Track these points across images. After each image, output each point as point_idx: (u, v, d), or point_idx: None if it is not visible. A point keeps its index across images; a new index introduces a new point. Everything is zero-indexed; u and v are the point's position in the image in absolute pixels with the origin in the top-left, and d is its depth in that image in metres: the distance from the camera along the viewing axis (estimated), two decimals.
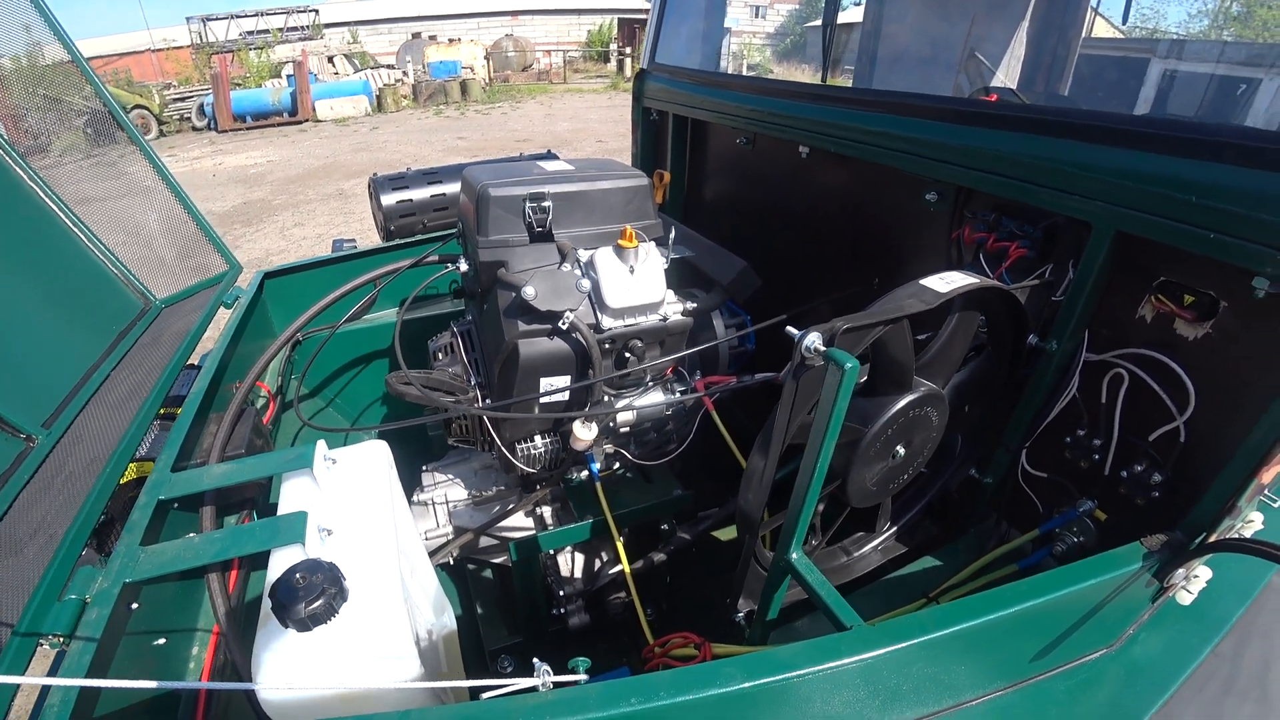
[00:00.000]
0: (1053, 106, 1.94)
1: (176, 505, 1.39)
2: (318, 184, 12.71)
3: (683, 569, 2.41)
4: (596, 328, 1.68)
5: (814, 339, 0.94)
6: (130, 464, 1.61)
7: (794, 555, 1.14)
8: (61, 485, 1.50)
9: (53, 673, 1.04)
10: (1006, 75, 3.96)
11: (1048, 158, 1.41)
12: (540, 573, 2.20)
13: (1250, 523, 1.32)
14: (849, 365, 0.88)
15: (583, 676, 0.87)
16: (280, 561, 1.18)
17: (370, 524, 1.28)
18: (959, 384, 1.48)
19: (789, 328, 1.01)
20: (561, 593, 2.22)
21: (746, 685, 0.86)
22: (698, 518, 2.19)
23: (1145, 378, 1.38)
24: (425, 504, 2.36)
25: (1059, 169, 1.39)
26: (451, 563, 2.41)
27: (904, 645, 0.98)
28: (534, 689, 0.89)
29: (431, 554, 2.25)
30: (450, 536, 2.31)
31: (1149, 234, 1.25)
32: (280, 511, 1.28)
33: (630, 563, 2.05)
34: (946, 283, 1.17)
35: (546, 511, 2.25)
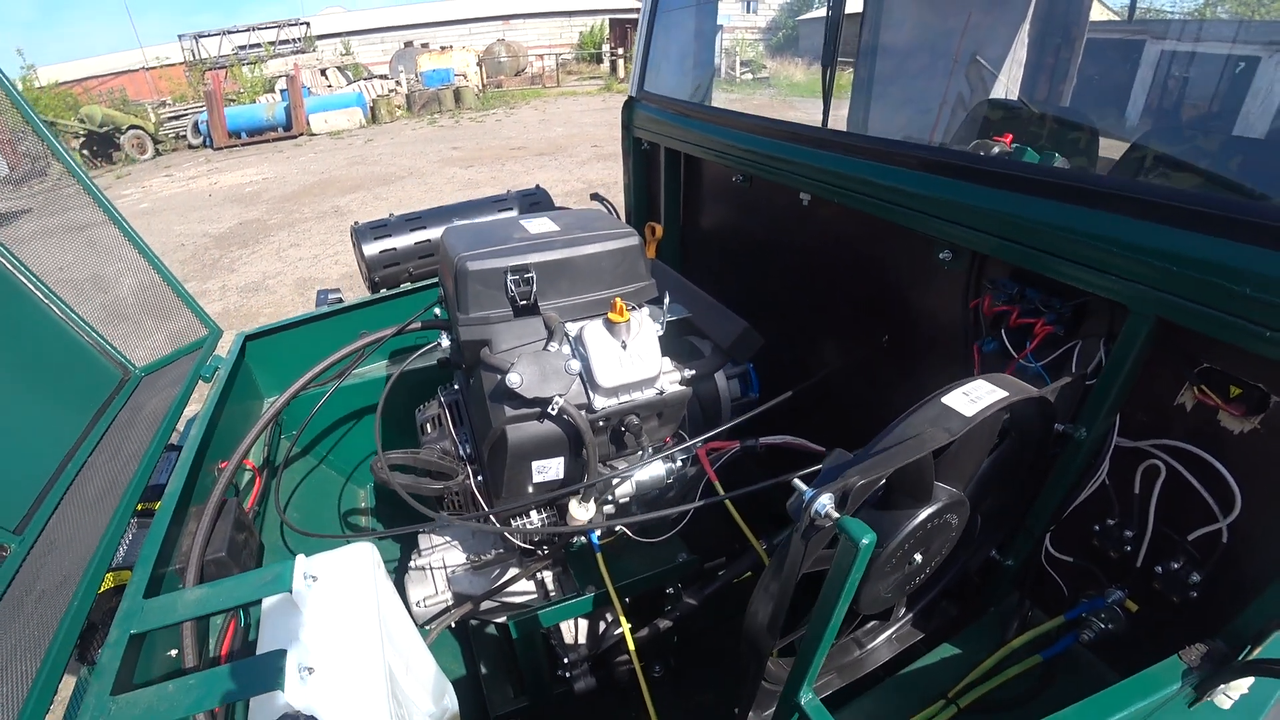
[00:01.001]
0: (1085, 173, 1.80)
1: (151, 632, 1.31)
2: (313, 201, 12.64)
3: (692, 620, 2.34)
4: (589, 408, 1.59)
5: (825, 502, 0.84)
6: (107, 574, 1.53)
7: (805, 698, 1.06)
8: (34, 606, 1.42)
9: None
10: (1009, 78, 3.86)
11: (1080, 231, 1.26)
12: (542, 642, 2.12)
13: None
14: (865, 541, 0.79)
15: None
16: (261, 708, 1.10)
17: (356, 653, 1.20)
18: (980, 478, 1.38)
19: (796, 479, 0.91)
20: (565, 659, 2.14)
21: None
22: (704, 574, 2.11)
23: (1184, 473, 1.25)
24: (423, 569, 2.29)
25: (1091, 244, 1.24)
26: (453, 625, 2.34)
27: None
28: None
29: (429, 620, 2.18)
30: (449, 602, 2.24)
31: (1195, 325, 1.11)
32: (260, 643, 1.21)
33: (635, 629, 1.98)
34: (972, 401, 1.06)
35: (548, 577, 2.17)
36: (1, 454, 1.74)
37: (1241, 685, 1.21)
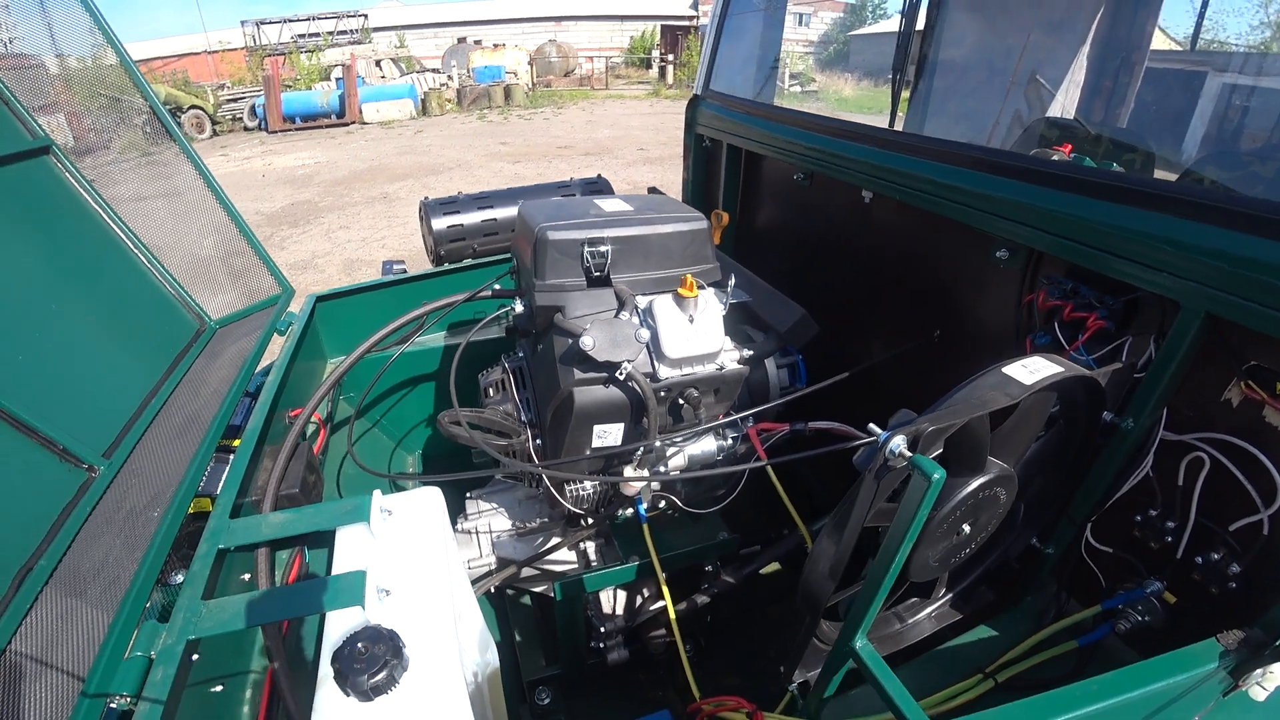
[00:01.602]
0: (1142, 177, 1.85)
1: (234, 550, 1.40)
2: (363, 186, 12.95)
3: (727, 606, 2.38)
4: (653, 376, 1.66)
5: (899, 442, 0.90)
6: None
7: (859, 643, 1.10)
8: (123, 521, 1.52)
9: None
10: (1066, 98, 3.85)
11: (1136, 230, 1.33)
12: (582, 609, 2.18)
13: None
14: (936, 476, 0.84)
15: None
16: (338, 621, 1.17)
17: (427, 583, 1.27)
18: (1029, 458, 1.42)
19: (871, 425, 0.97)
20: (602, 629, 2.20)
21: None
22: (741, 557, 2.15)
23: (1228, 464, 1.30)
24: (469, 532, 2.36)
25: (1144, 242, 1.30)
26: (492, 591, 2.41)
27: None
28: None
29: (473, 582, 2.25)
30: (492, 566, 2.31)
31: (1245, 321, 1.17)
32: (336, 565, 1.28)
33: (674, 603, 2.02)
34: (1031, 372, 1.11)
35: (590, 547, 2.23)
36: (90, 386, 1.85)
37: (1277, 677, 1.23)
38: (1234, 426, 1.29)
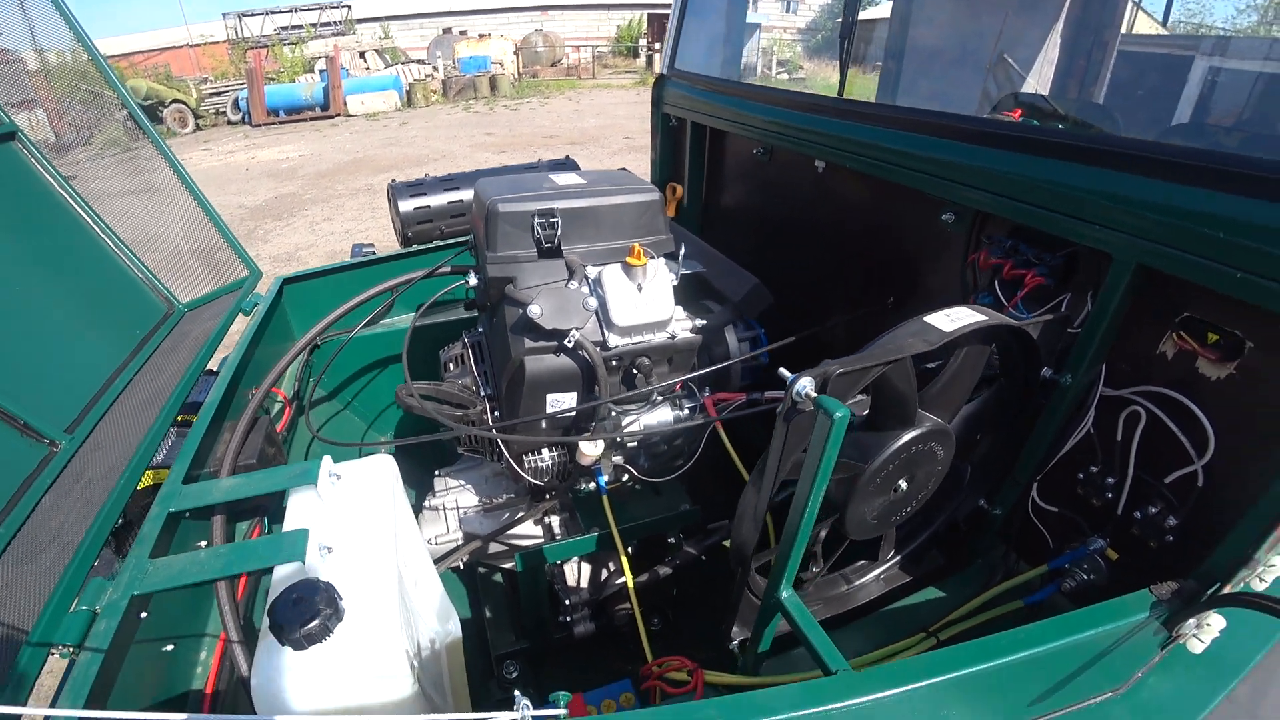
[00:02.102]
0: (1071, 131, 1.88)
1: (188, 515, 1.42)
2: (347, 179, 12.89)
3: (691, 579, 2.41)
4: (603, 345, 1.68)
5: (805, 384, 0.93)
6: (147, 471, 1.65)
7: (784, 594, 1.13)
8: (80, 492, 1.55)
9: (62, 685, 1.07)
10: (1039, 78, 3.87)
11: (1067, 184, 1.36)
12: (546, 582, 2.21)
13: (1272, 567, 1.26)
14: (839, 415, 0.87)
15: (561, 711, 0.87)
16: (282, 576, 1.20)
17: (371, 541, 1.30)
18: (968, 416, 1.45)
19: (781, 369, 1.00)
20: (567, 602, 2.23)
21: None
22: (706, 530, 2.18)
23: (1163, 417, 1.32)
24: (436, 509, 2.39)
25: (1078, 196, 1.33)
26: (461, 567, 2.44)
27: (891, 693, 0.97)
28: None
29: (441, 559, 2.29)
30: (459, 542, 2.34)
31: (1172, 269, 1.19)
32: (285, 526, 1.31)
33: (636, 575, 2.06)
34: (952, 320, 1.14)
35: (555, 521, 2.26)
36: (55, 366, 1.88)
37: (1213, 630, 1.25)
38: (1169, 379, 1.32)
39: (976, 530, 1.76)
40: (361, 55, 24.39)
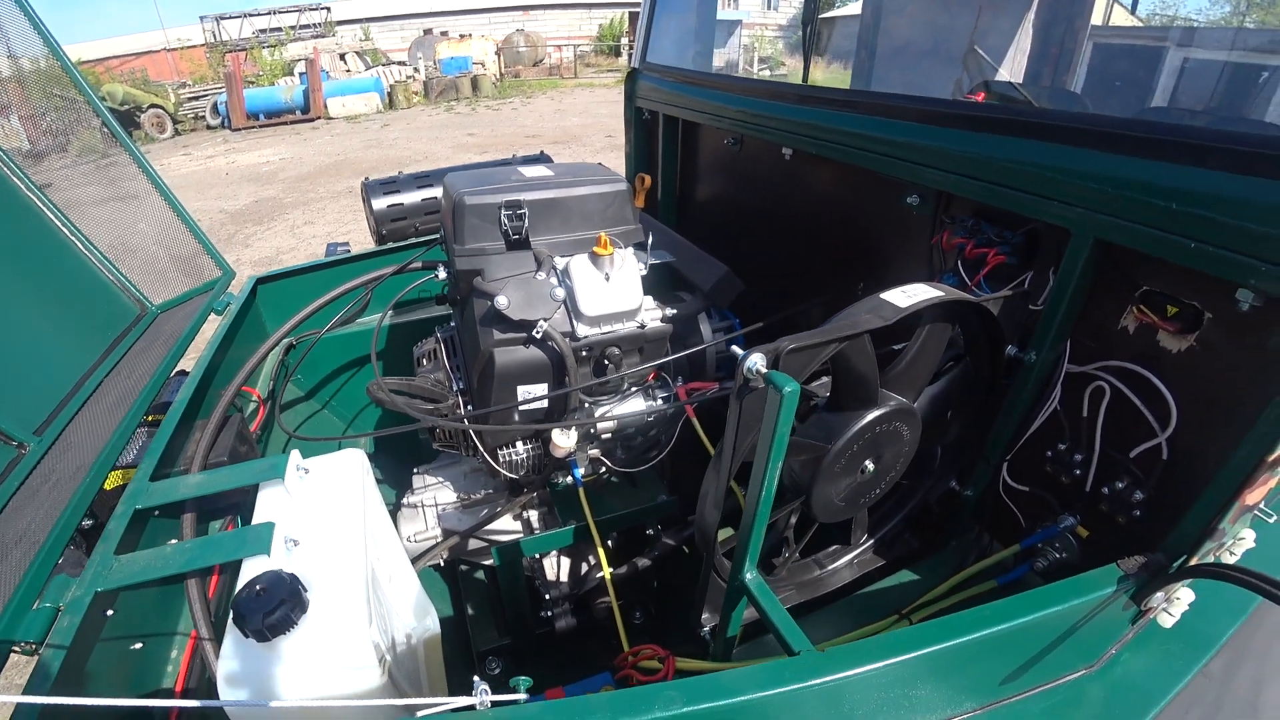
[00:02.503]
0: (1027, 108, 1.89)
1: (157, 513, 1.42)
2: (328, 181, 12.80)
3: (672, 571, 2.42)
4: (572, 335, 1.69)
5: (756, 360, 0.94)
6: (114, 471, 1.64)
7: (748, 576, 1.14)
8: (48, 492, 1.54)
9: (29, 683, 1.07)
10: (1012, 69, 3.90)
11: (1024, 161, 1.37)
12: (525, 577, 2.21)
13: (1242, 540, 1.27)
14: (788, 390, 0.88)
15: (521, 696, 0.87)
16: (249, 571, 1.20)
17: (339, 533, 1.30)
18: (934, 396, 1.47)
19: (734, 347, 1.01)
20: (548, 596, 2.24)
21: (685, 710, 0.86)
22: (685, 521, 2.19)
23: (1126, 392, 1.34)
24: (415, 506, 2.38)
25: (1035, 173, 1.35)
26: (442, 564, 2.43)
27: (856, 672, 0.97)
28: (470, 708, 0.89)
29: (420, 556, 2.28)
30: (439, 539, 2.34)
31: (1128, 242, 1.20)
32: (254, 521, 1.30)
33: (615, 567, 2.06)
34: (908, 296, 1.16)
35: (533, 515, 2.27)
36: (26, 367, 1.86)
37: (1183, 603, 1.26)
38: (1132, 353, 1.33)
39: (949, 512, 1.78)
40: (342, 57, 24.23)
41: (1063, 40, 3.91)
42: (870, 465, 1.35)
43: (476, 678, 0.86)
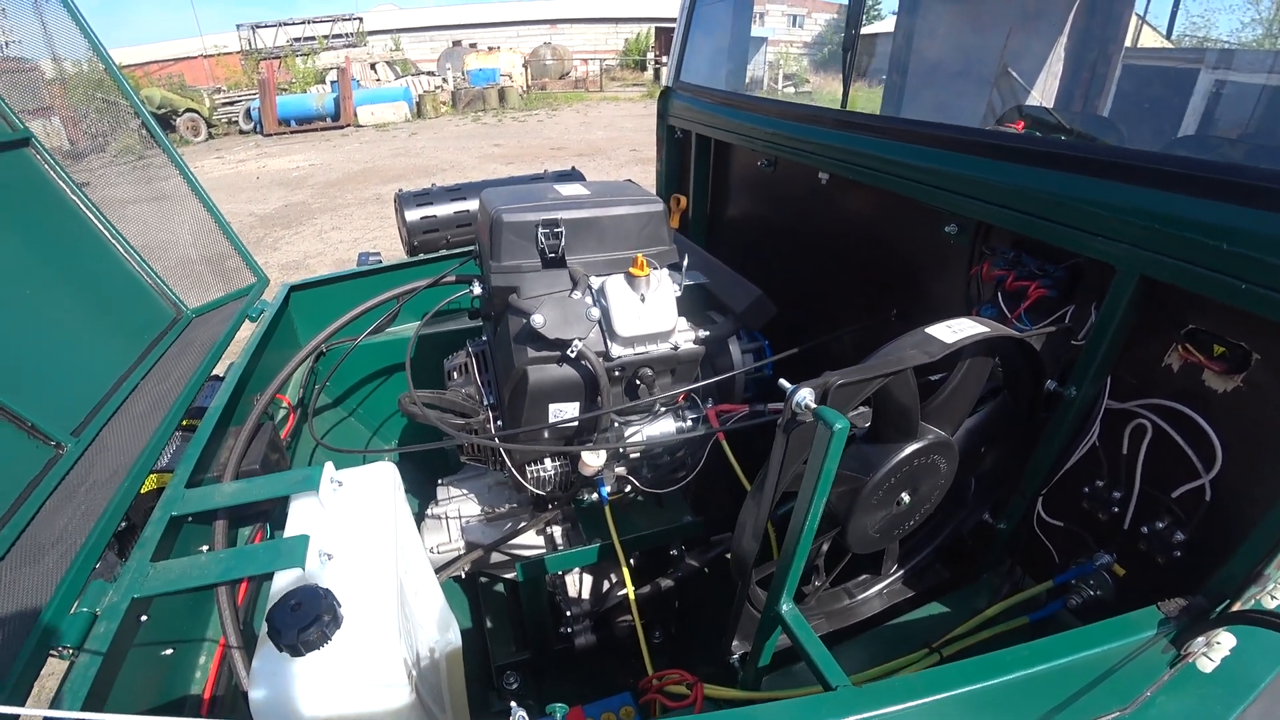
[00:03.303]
0: (1074, 142, 1.87)
1: (190, 520, 1.43)
2: (356, 188, 12.99)
3: (694, 592, 2.40)
4: (606, 355, 1.69)
5: (805, 395, 0.93)
6: (151, 475, 1.66)
7: (784, 607, 1.13)
8: (84, 494, 1.56)
9: (62, 686, 1.08)
10: (1043, 91, 3.88)
11: (1069, 195, 1.35)
12: (547, 592, 2.20)
13: None
14: (838, 426, 0.87)
15: None
16: (282, 582, 1.20)
17: (371, 548, 1.30)
18: (971, 429, 1.45)
19: (781, 380, 1.00)
20: (569, 613, 2.23)
21: None
22: (710, 543, 2.18)
23: (1169, 431, 1.30)
24: (439, 518, 2.39)
25: (1080, 207, 1.32)
26: (463, 576, 2.43)
27: (891, 710, 0.96)
28: None
29: (442, 568, 2.28)
30: (461, 551, 2.34)
31: (1176, 280, 1.17)
32: (286, 532, 1.31)
33: (638, 587, 2.05)
34: (954, 332, 1.14)
35: (557, 531, 2.26)
36: (64, 369, 1.90)
37: (1224, 648, 1.22)
38: (1175, 392, 1.30)
39: (981, 545, 1.75)
40: (372, 67, 24.65)
41: (1095, 64, 3.88)
42: (906, 497, 1.33)
43: (514, 704, 0.85)
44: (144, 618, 1.22)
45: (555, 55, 30.09)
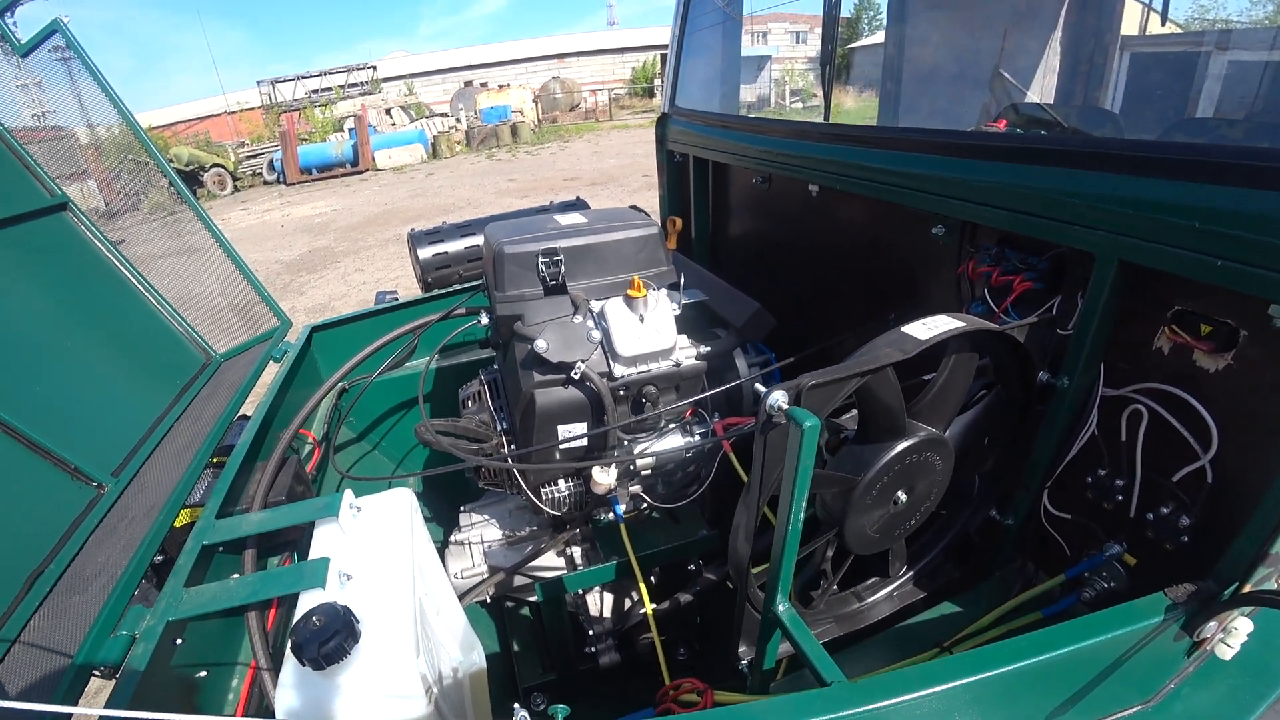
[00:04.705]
0: (1048, 135, 1.90)
1: (221, 549, 1.51)
2: (377, 230, 13.34)
3: (717, 608, 2.42)
4: (609, 375, 1.75)
5: (778, 396, 0.97)
6: (183, 509, 1.75)
7: (780, 608, 1.16)
8: (124, 529, 1.65)
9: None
10: (1042, 88, 3.88)
11: (1043, 187, 1.38)
12: (569, 612, 2.24)
13: None
14: (808, 425, 0.91)
15: None
16: (306, 603, 1.27)
17: (389, 568, 1.36)
18: (967, 424, 1.47)
19: (757, 384, 1.04)
20: (592, 632, 2.26)
21: None
22: (728, 556, 2.20)
23: (1164, 414, 1.31)
24: (462, 544, 2.45)
25: (1056, 198, 1.35)
26: (488, 600, 2.48)
27: (889, 703, 0.96)
28: None
29: (467, 592, 2.34)
30: (485, 575, 2.39)
31: (1154, 263, 1.19)
32: (310, 556, 1.38)
33: (658, 603, 2.08)
34: (928, 329, 1.18)
35: (576, 551, 2.30)
36: (103, 414, 2.02)
37: (1241, 634, 1.20)
38: (1168, 375, 1.31)
39: (991, 542, 1.75)
40: (388, 112, 25.42)
41: (1092, 55, 3.87)
42: (903, 496, 1.36)
43: (516, 704, 0.90)
44: (179, 641, 1.29)
45: (564, 88, 30.74)
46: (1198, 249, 1.12)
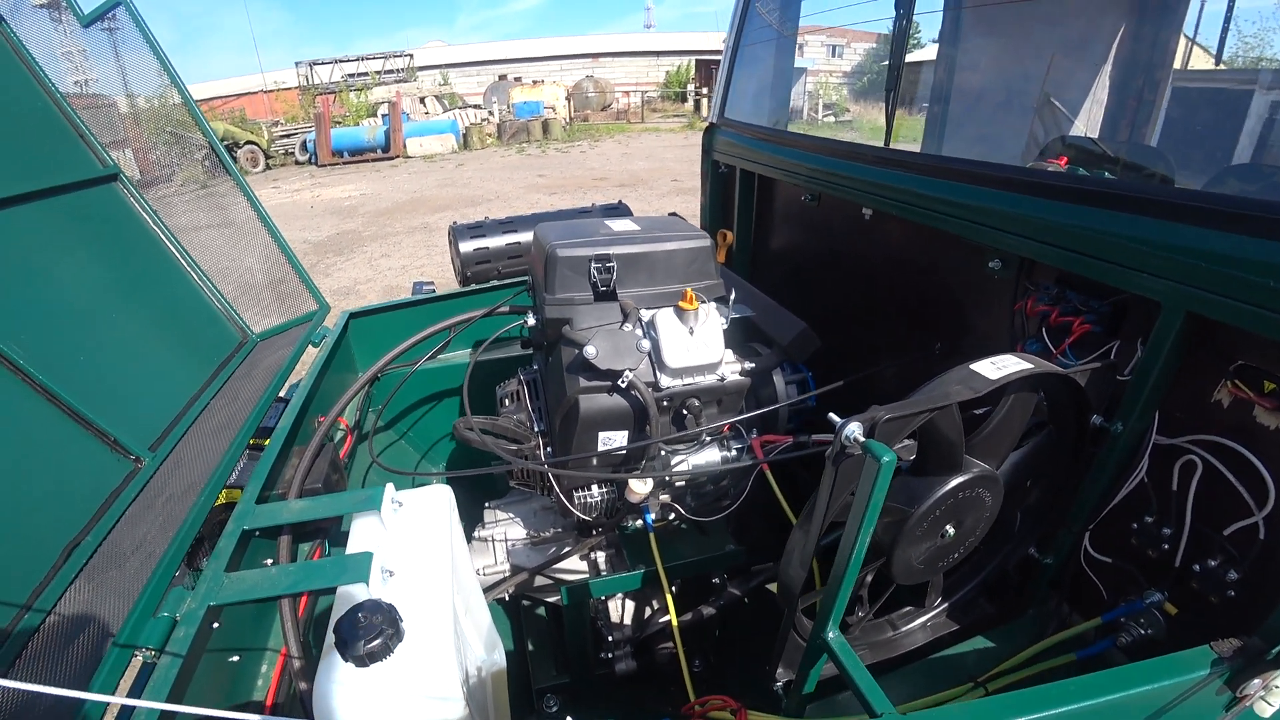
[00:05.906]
0: (1117, 180, 1.87)
1: (258, 534, 1.51)
2: (405, 217, 13.43)
3: (733, 621, 2.40)
4: (655, 386, 1.74)
5: (854, 429, 0.96)
6: (222, 490, 1.76)
7: (830, 634, 1.14)
8: (162, 506, 1.66)
9: (141, 683, 1.15)
10: (1088, 119, 3.84)
11: (1113, 232, 1.36)
12: (590, 617, 2.23)
13: None
14: (885, 459, 0.90)
15: None
16: (345, 596, 1.27)
17: (430, 567, 1.36)
18: (1017, 463, 1.45)
19: (831, 414, 1.03)
20: (610, 638, 2.25)
21: None
22: (751, 572, 2.18)
23: (1220, 467, 1.29)
24: (485, 540, 2.44)
25: (1124, 245, 1.33)
26: (506, 598, 2.48)
27: None
28: None
29: (488, 589, 2.33)
30: (506, 573, 2.38)
31: (1222, 318, 1.17)
32: (349, 549, 1.38)
33: (679, 614, 2.07)
34: (998, 368, 1.16)
35: (601, 557, 2.29)
36: (143, 387, 2.03)
37: None
38: (1225, 428, 1.29)
39: (1027, 580, 1.73)
40: (422, 100, 25.58)
41: (1141, 91, 3.82)
42: (951, 530, 1.34)
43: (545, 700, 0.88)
44: (216, 625, 1.30)
45: (597, 88, 30.84)
46: (1270, 307, 1.10)
